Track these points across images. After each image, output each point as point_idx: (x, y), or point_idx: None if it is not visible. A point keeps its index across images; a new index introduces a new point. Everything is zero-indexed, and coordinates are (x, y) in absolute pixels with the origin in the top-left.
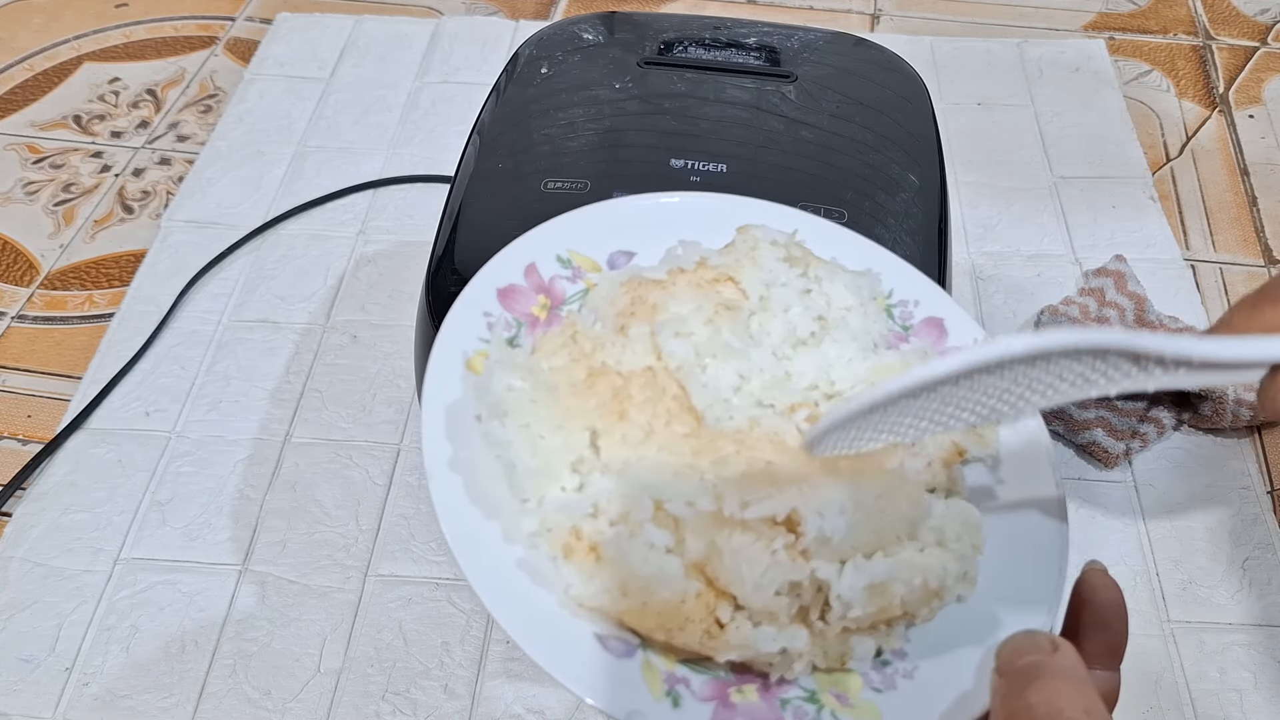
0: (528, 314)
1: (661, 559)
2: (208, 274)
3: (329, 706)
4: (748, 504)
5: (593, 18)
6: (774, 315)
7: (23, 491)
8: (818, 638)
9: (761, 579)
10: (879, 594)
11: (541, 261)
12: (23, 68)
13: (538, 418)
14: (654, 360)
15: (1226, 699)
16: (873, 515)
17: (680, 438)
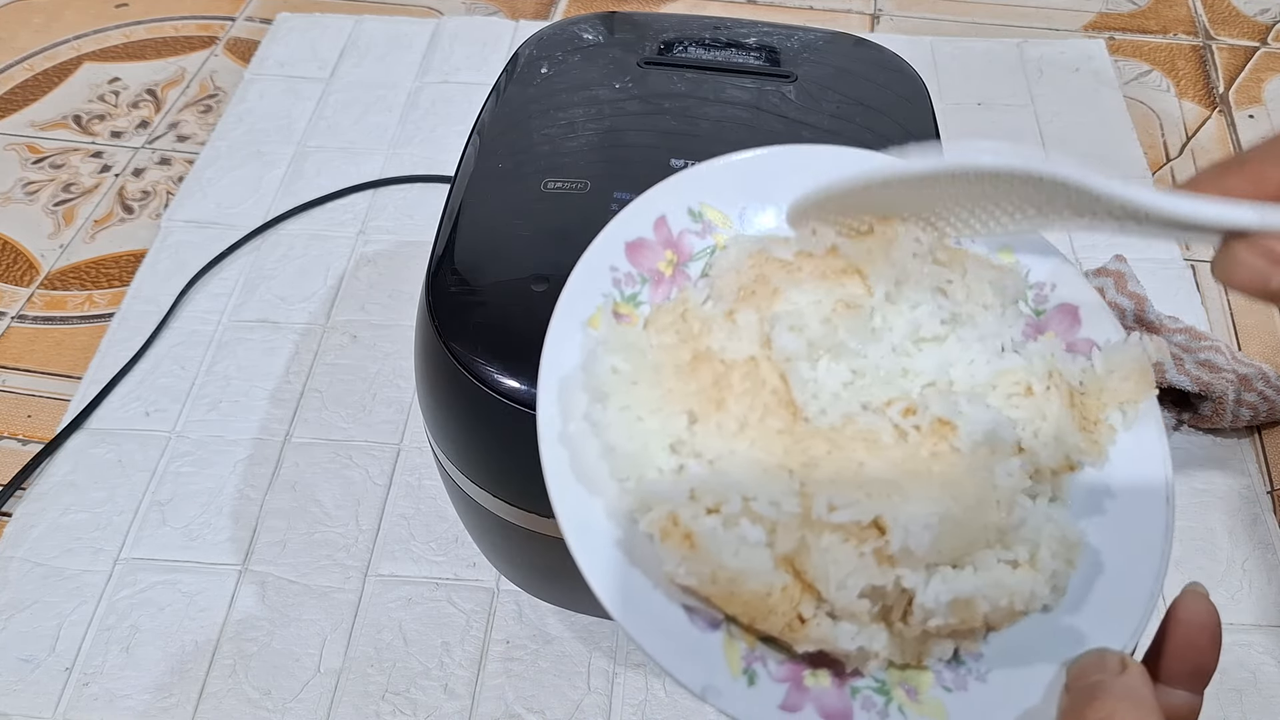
0: (654, 270)
1: (752, 553)
2: (208, 274)
3: (329, 706)
4: (835, 508)
5: (593, 18)
6: (900, 311)
7: (23, 491)
8: (896, 637)
9: (846, 580)
10: (962, 608)
11: (672, 215)
12: (23, 68)
13: (638, 400)
14: (759, 349)
15: (1226, 699)
16: (961, 526)
17: (774, 433)
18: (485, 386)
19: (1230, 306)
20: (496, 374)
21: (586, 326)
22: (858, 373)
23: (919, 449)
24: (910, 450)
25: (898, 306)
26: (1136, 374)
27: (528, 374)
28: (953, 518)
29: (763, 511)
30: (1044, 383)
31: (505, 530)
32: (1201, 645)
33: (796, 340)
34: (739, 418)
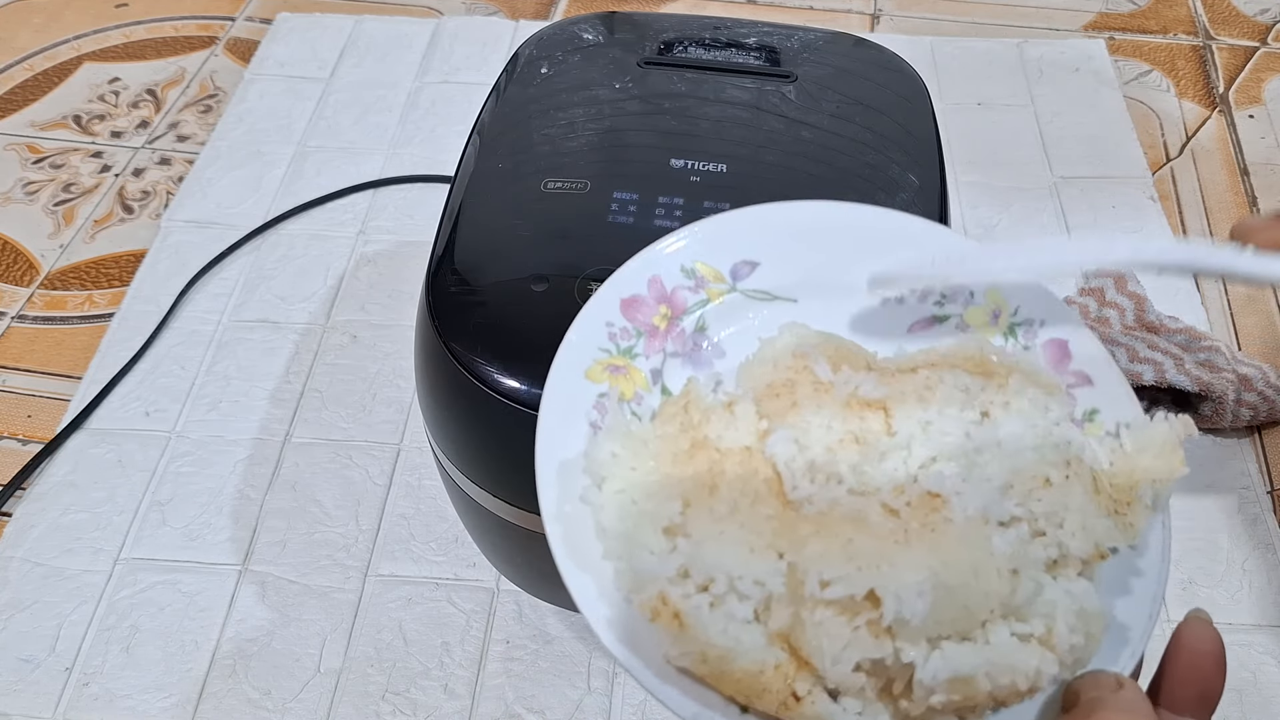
0: (649, 324)
1: (740, 630)
2: (208, 274)
3: (329, 706)
4: (827, 583)
5: (593, 18)
6: (915, 450)
7: (23, 491)
8: (900, 716)
9: (841, 654)
10: (963, 685)
11: (665, 273)
12: (23, 68)
13: (633, 484)
14: (755, 441)
15: (1226, 699)
16: (959, 593)
17: (763, 518)
18: (485, 386)
19: (1230, 306)
20: (496, 374)
21: (584, 379)
22: (851, 486)
23: (909, 521)
24: (900, 524)
25: (911, 449)
26: (1167, 452)
27: (528, 374)
28: (947, 585)
29: (746, 591)
30: (1062, 472)
31: (505, 530)
32: (1206, 671)
33: (794, 454)
34: (730, 502)
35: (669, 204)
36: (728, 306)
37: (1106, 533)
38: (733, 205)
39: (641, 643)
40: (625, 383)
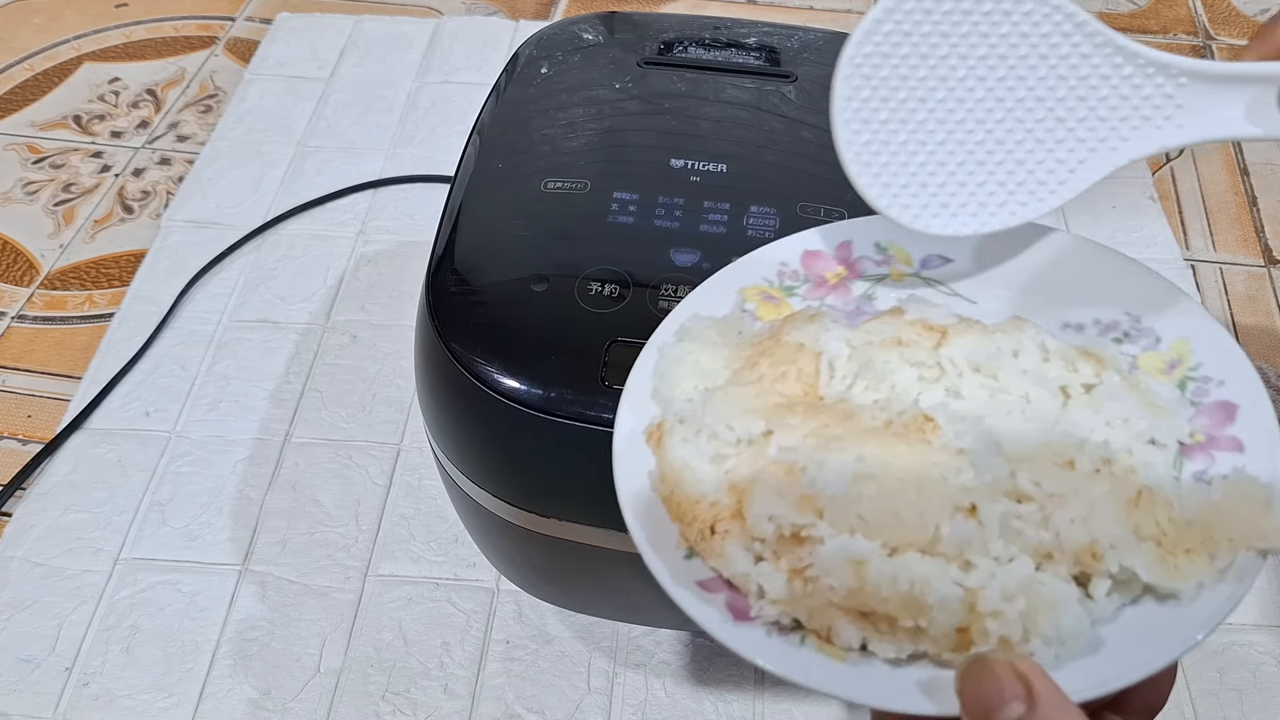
0: (819, 275)
1: (698, 461)
2: (208, 274)
3: (329, 706)
4: (784, 449)
5: (593, 18)
6: (955, 381)
7: (23, 491)
8: (799, 595)
9: (765, 505)
10: (854, 572)
11: (858, 243)
12: (23, 68)
13: (703, 344)
14: (810, 341)
15: (1226, 699)
16: (891, 499)
17: (776, 395)
18: (485, 386)
19: (1230, 306)
20: (496, 374)
21: (737, 293)
22: (874, 396)
23: (888, 428)
24: (877, 428)
25: (967, 376)
26: (1257, 511)
27: (528, 374)
28: (876, 479)
29: (721, 434)
30: (1093, 465)
31: (505, 530)
32: (1159, 679)
33: (839, 353)
34: (760, 373)
35: (669, 204)
36: (903, 287)
37: (1118, 540)
38: (733, 205)
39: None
40: (770, 310)
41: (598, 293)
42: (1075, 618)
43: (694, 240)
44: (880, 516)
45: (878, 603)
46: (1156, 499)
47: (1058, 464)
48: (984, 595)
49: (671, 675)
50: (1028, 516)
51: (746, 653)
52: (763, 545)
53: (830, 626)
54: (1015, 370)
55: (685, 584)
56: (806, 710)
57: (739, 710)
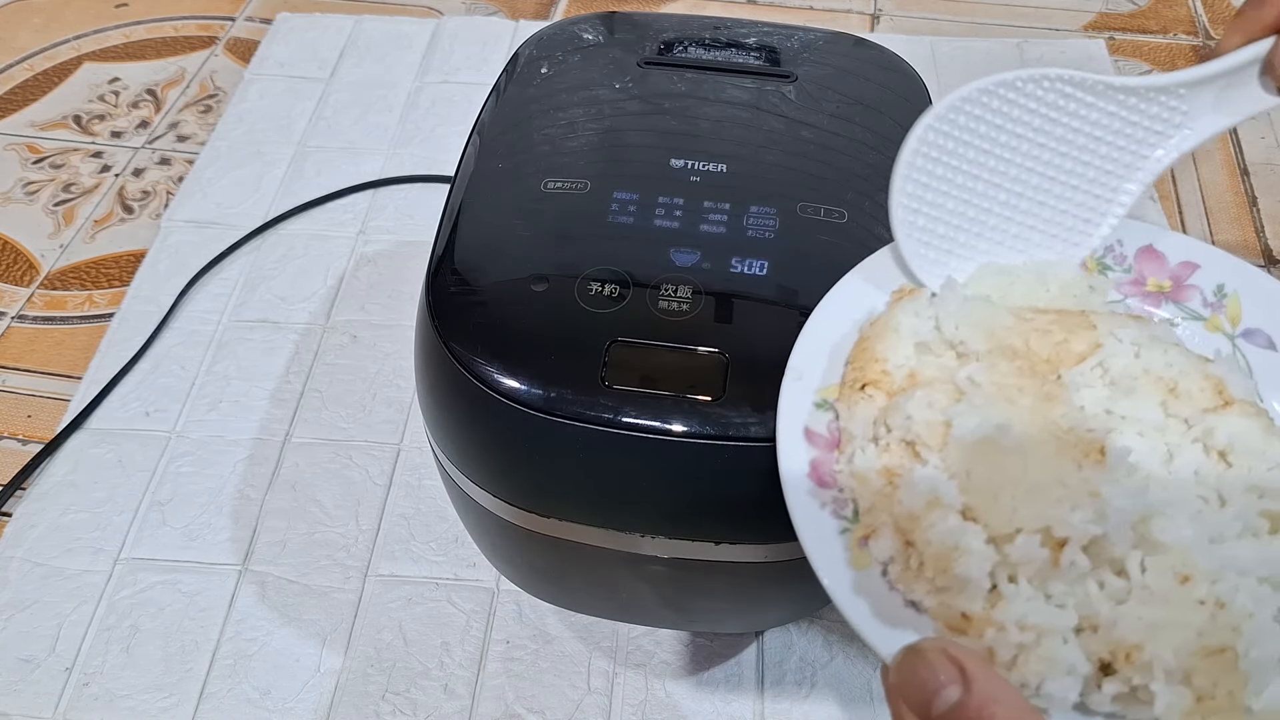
0: (1143, 273)
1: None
2: (208, 274)
3: (329, 706)
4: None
5: (593, 18)
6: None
7: (23, 491)
8: (881, 477)
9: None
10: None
11: (1205, 271)
12: (23, 68)
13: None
14: (1085, 348)
15: None
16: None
17: (1027, 377)
18: (485, 386)
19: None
20: (496, 374)
21: (1084, 264)
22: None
23: (1062, 434)
24: (1056, 427)
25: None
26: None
27: (528, 374)
28: (1004, 462)
29: (948, 330)
30: (1207, 595)
31: (505, 530)
32: None
33: (1121, 359)
34: (1034, 317)
35: (669, 204)
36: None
37: (1166, 666)
38: (733, 205)
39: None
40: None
41: (598, 293)
42: (1062, 690)
43: (694, 240)
44: (983, 485)
45: (922, 542)
46: (1238, 672)
47: (1177, 572)
48: (1004, 607)
49: (671, 675)
50: (1108, 588)
51: (790, 497)
52: (887, 434)
53: (876, 529)
54: (1248, 477)
55: (797, 420)
56: (806, 710)
57: (739, 710)
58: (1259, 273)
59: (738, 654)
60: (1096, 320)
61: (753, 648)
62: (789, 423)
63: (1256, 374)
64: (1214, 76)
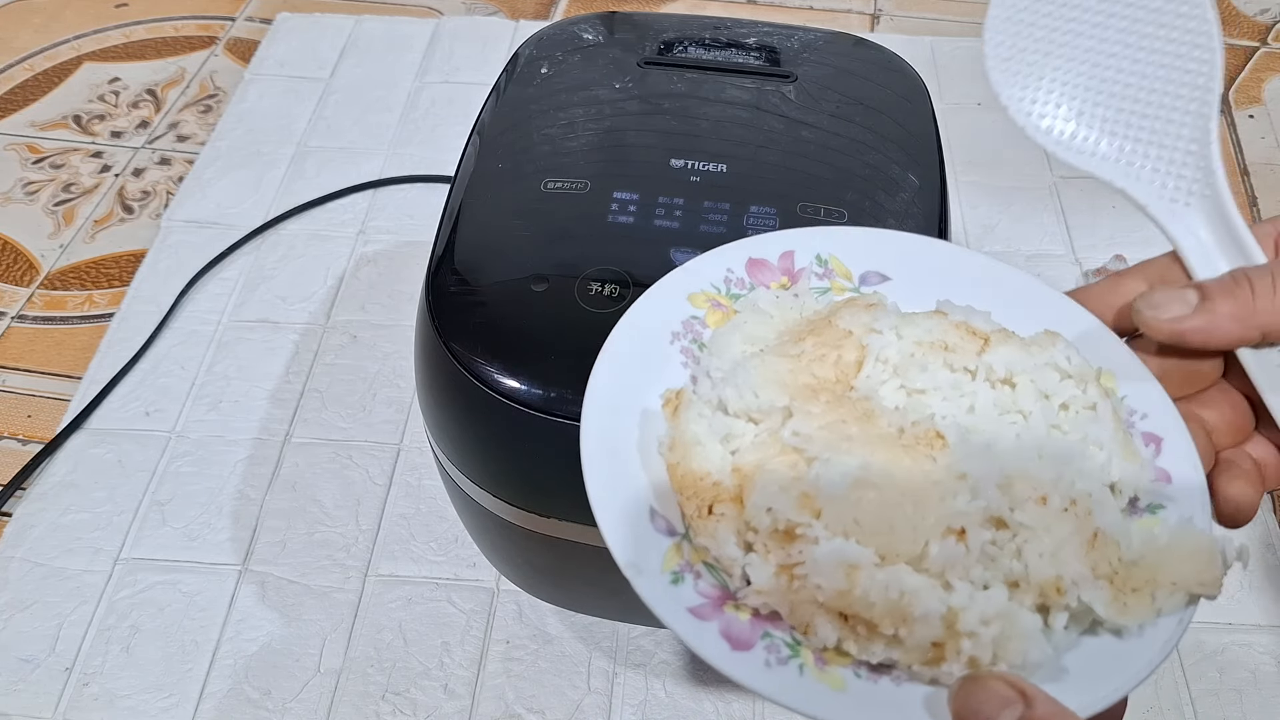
0: (764, 284)
1: (709, 437)
2: (208, 274)
3: (329, 706)
4: (797, 434)
5: (593, 18)
6: (975, 397)
7: (23, 491)
8: (788, 590)
9: (764, 492)
10: (846, 575)
11: (800, 253)
12: (23, 68)
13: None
14: (860, 330)
15: (1226, 699)
16: (886, 505)
17: (809, 376)
18: (485, 386)
19: None
20: (496, 374)
21: (686, 299)
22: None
23: (900, 438)
24: (891, 436)
25: (983, 391)
26: (1200, 564)
27: (528, 374)
28: (877, 488)
29: (737, 410)
30: (1063, 502)
31: (505, 530)
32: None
33: (887, 344)
34: (802, 349)
35: (669, 204)
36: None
37: (1079, 577)
38: (733, 205)
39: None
40: (718, 317)
41: (598, 293)
42: (1041, 649)
43: (694, 240)
44: (875, 525)
45: (864, 607)
46: (1109, 540)
47: (1033, 498)
48: (964, 616)
49: (671, 675)
50: (1003, 545)
51: (746, 681)
52: (756, 535)
53: (810, 623)
54: (1034, 388)
55: (678, 612)
56: None
57: (739, 710)
58: (837, 229)
59: None
60: (843, 324)
61: None
62: (677, 620)
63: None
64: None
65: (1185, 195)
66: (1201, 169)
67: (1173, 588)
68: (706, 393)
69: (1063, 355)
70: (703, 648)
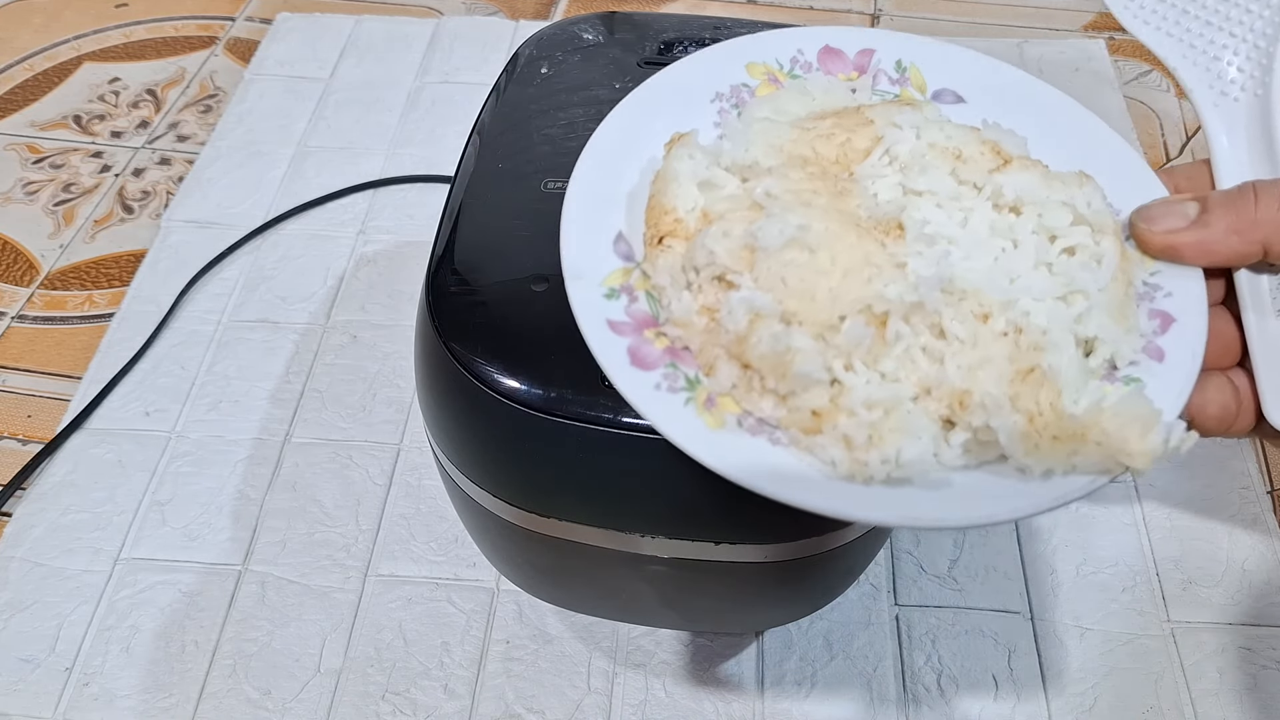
0: (831, 74)
1: (687, 178)
2: (208, 274)
3: (329, 706)
4: (766, 193)
5: (593, 18)
6: (973, 209)
7: (23, 491)
8: (702, 317)
9: (713, 236)
10: (776, 346)
11: (882, 53)
12: (23, 68)
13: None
14: (881, 119)
15: (1226, 699)
16: (819, 275)
17: (812, 144)
18: (485, 386)
19: None
20: (496, 374)
21: (747, 67)
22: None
23: (861, 220)
24: (852, 214)
25: (981, 209)
26: (1133, 435)
27: (528, 374)
28: (813, 258)
29: (738, 156)
30: (1006, 326)
31: (505, 530)
32: None
33: (897, 139)
34: (817, 125)
35: None
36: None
37: (990, 400)
38: None
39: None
40: (769, 91)
41: None
42: (919, 451)
43: None
44: (799, 287)
45: (755, 356)
46: (1048, 382)
47: (976, 314)
48: (849, 393)
49: (671, 675)
50: (930, 350)
51: (627, 392)
52: (696, 276)
53: (713, 364)
54: (1038, 221)
55: (596, 320)
56: (806, 710)
57: (739, 710)
58: (927, 40)
59: (738, 654)
60: (872, 115)
61: (753, 648)
62: (590, 324)
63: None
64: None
65: (1237, 90)
66: (1261, 66)
67: (1096, 448)
68: (707, 141)
69: (1084, 199)
70: (603, 355)
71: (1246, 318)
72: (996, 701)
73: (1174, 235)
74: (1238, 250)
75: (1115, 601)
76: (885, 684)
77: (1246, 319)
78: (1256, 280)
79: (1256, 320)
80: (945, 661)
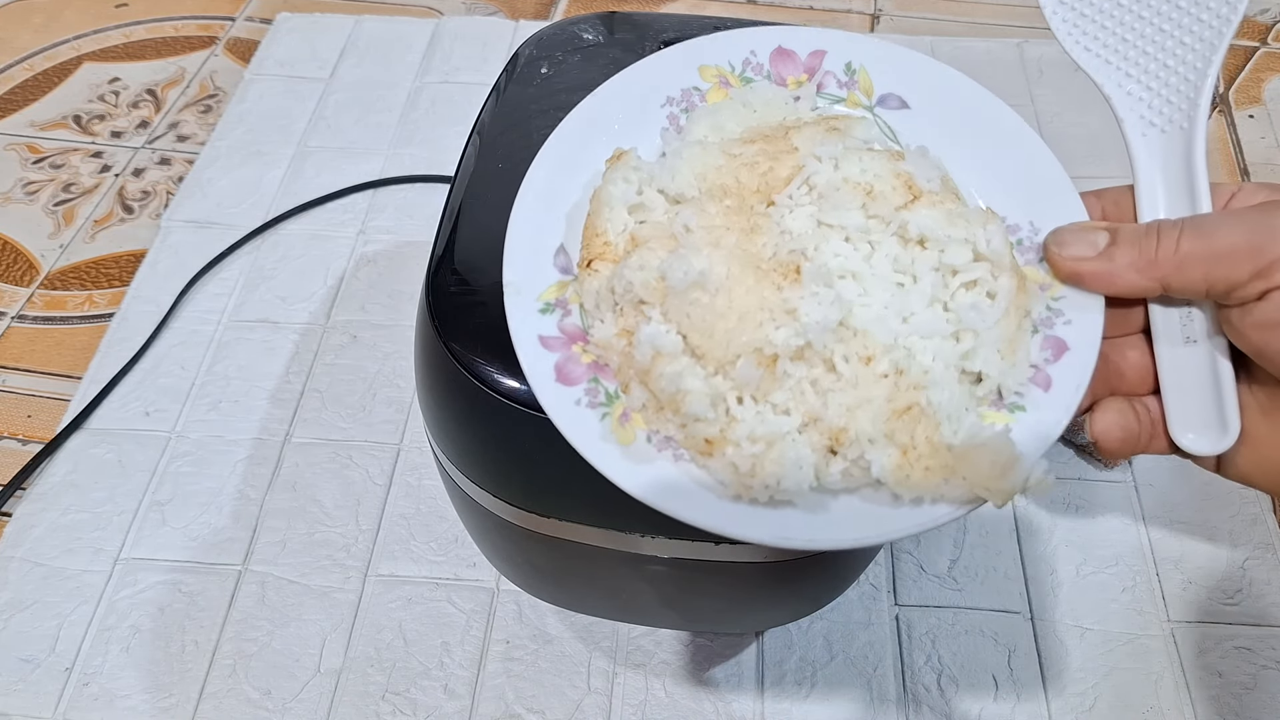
0: (781, 77)
1: (623, 192)
2: (208, 274)
3: (329, 706)
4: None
5: (593, 18)
6: (876, 246)
7: (23, 491)
8: (621, 340)
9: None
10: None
11: (833, 55)
12: (23, 68)
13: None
14: (806, 147)
15: (1226, 699)
16: (720, 313)
17: (740, 172)
18: (485, 386)
19: None
20: (496, 374)
21: (697, 69)
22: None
23: (763, 262)
24: (756, 256)
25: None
26: (999, 472)
27: None
28: (713, 301)
29: (665, 183)
30: (887, 368)
31: (505, 530)
32: None
33: (818, 170)
34: (743, 151)
35: None
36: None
37: (863, 436)
38: None
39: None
40: (719, 96)
41: None
42: (795, 481)
43: None
44: (700, 326)
45: (655, 389)
46: (926, 417)
47: (861, 355)
48: (737, 428)
49: (671, 675)
50: (819, 385)
51: (548, 407)
52: (620, 298)
53: (628, 384)
54: (938, 257)
55: (529, 336)
56: (806, 710)
57: (739, 710)
58: (879, 41)
59: (738, 654)
60: (798, 142)
61: (753, 648)
62: (522, 341)
63: (899, 134)
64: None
65: (1165, 121)
66: (1189, 100)
67: (962, 481)
68: (652, 150)
69: (985, 237)
70: (531, 371)
71: (1158, 346)
72: (996, 701)
73: (1080, 264)
74: (1138, 285)
75: (1115, 601)
76: (885, 684)
77: (1158, 347)
78: (1168, 312)
79: (1167, 349)
80: (945, 661)
